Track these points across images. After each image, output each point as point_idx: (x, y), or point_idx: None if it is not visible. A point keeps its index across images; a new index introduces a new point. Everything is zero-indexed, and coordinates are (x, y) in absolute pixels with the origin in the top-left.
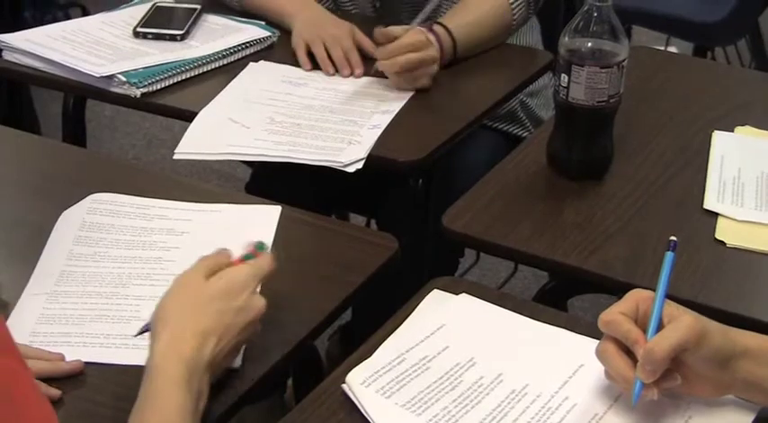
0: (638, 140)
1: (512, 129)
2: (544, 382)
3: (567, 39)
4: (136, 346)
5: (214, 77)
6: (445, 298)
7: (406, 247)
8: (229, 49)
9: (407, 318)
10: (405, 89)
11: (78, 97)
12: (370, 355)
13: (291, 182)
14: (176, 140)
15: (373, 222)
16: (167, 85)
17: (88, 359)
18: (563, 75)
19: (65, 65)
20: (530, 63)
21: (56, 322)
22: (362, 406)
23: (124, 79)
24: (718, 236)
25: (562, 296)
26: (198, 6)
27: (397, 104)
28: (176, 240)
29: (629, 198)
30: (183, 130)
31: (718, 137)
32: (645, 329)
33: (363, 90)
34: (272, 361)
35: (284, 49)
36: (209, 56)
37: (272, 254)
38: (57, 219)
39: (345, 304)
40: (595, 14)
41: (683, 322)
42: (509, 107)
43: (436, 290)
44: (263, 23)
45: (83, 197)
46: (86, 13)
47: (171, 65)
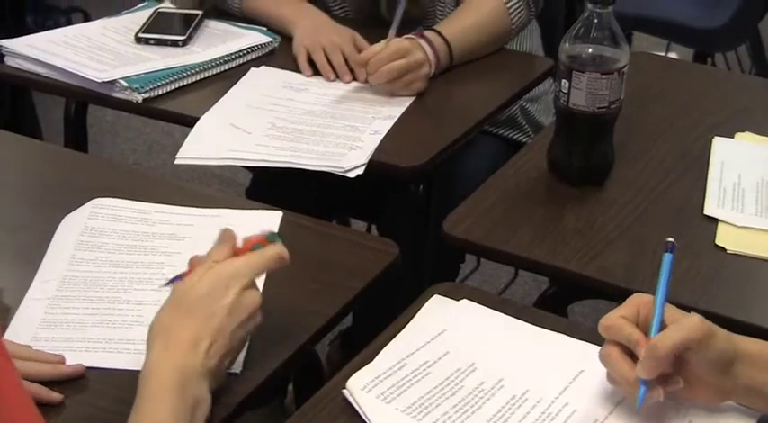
0: (639, 146)
1: (512, 134)
2: (544, 388)
3: (567, 45)
4: (138, 351)
5: (215, 83)
6: (446, 303)
7: (406, 252)
8: (231, 54)
9: (408, 323)
10: (403, 96)
11: (80, 103)
12: (371, 360)
13: (292, 187)
14: (177, 146)
15: (374, 228)
16: (169, 90)
17: (90, 364)
18: (564, 81)
19: (67, 70)
20: (530, 69)
21: (57, 327)
22: (363, 411)
23: (126, 85)
24: (719, 242)
25: (562, 302)
26: (199, 12)
27: (398, 110)
28: (178, 245)
29: (629, 204)
30: (185, 135)
31: (719, 143)
32: (646, 333)
33: (364, 96)
34: (273, 366)
35: (285, 55)
36: (210, 61)
37: (279, 244)
38: (58, 224)
39: (346, 310)
40: (596, 21)
41: (688, 321)
42: (509, 113)
43: (437, 295)
44: (264, 29)
45: (84, 202)
46: (88, 19)
47: (172, 70)
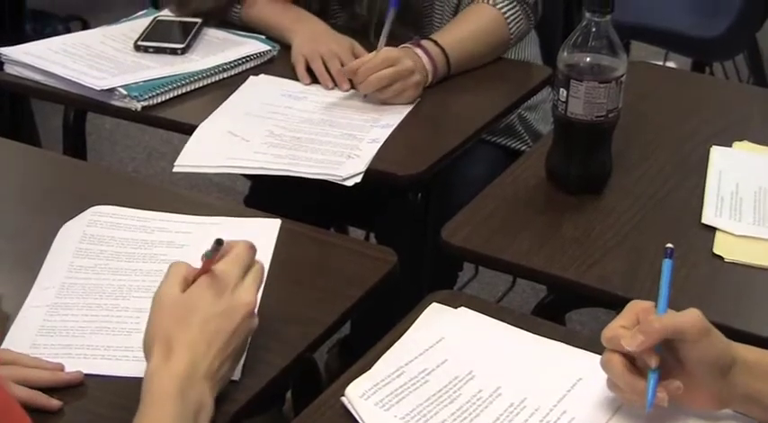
0: (637, 155)
1: (510, 143)
2: (542, 396)
3: (565, 54)
4: (136, 359)
5: (214, 91)
6: (444, 311)
7: (404, 260)
8: (230, 62)
9: (406, 331)
10: (397, 104)
11: (79, 110)
12: (369, 367)
13: (290, 195)
14: (176, 153)
15: (372, 236)
16: (168, 98)
17: (89, 371)
18: (562, 89)
19: (66, 78)
20: (528, 77)
21: (56, 334)
22: (361, 418)
23: (125, 92)
24: (716, 250)
25: (560, 310)
26: (198, 20)
27: (396, 118)
28: (176, 253)
29: (627, 212)
30: (183, 143)
31: (716, 152)
32: None
33: (363, 104)
34: (272, 374)
35: (284, 63)
36: (209, 69)
37: (244, 242)
38: (57, 231)
39: (344, 317)
40: (594, 30)
41: (687, 312)
42: (508, 121)
43: (435, 303)
44: (263, 37)
45: (83, 210)
46: (86, 27)
47: (171, 78)
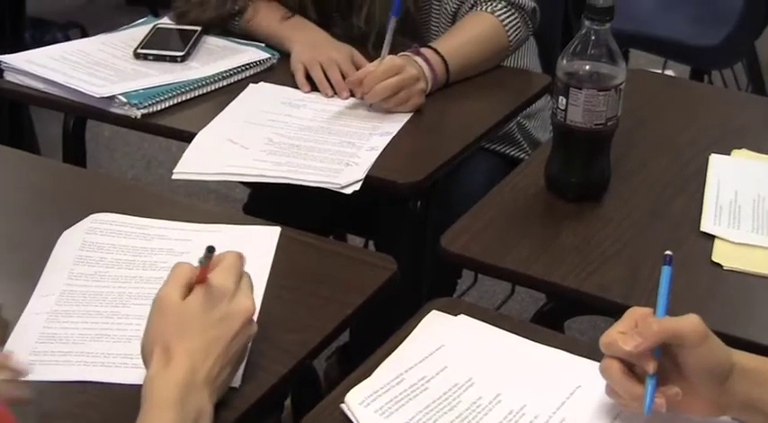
0: (636, 163)
1: (509, 151)
2: (541, 403)
3: (564, 62)
4: (136, 366)
5: (214, 99)
6: (443, 319)
7: (404, 268)
8: (229, 70)
9: (406, 338)
10: (400, 112)
11: (78, 118)
12: (369, 375)
13: (290, 203)
14: (175, 161)
15: (371, 244)
16: (167, 106)
17: (89, 378)
18: (561, 97)
19: (65, 85)
20: (528, 85)
21: (56, 341)
22: None
23: (125, 100)
24: (715, 258)
25: (559, 318)
26: (198, 28)
27: (395, 126)
28: (176, 260)
29: (626, 220)
30: (182, 150)
31: (715, 160)
32: None
33: (362, 112)
34: (271, 381)
35: (284, 71)
36: (209, 77)
37: (233, 252)
38: (57, 239)
39: (344, 325)
40: (593, 38)
41: (686, 316)
42: (507, 129)
43: (435, 311)
44: (262, 45)
45: (83, 217)
46: (85, 34)
47: (171, 86)
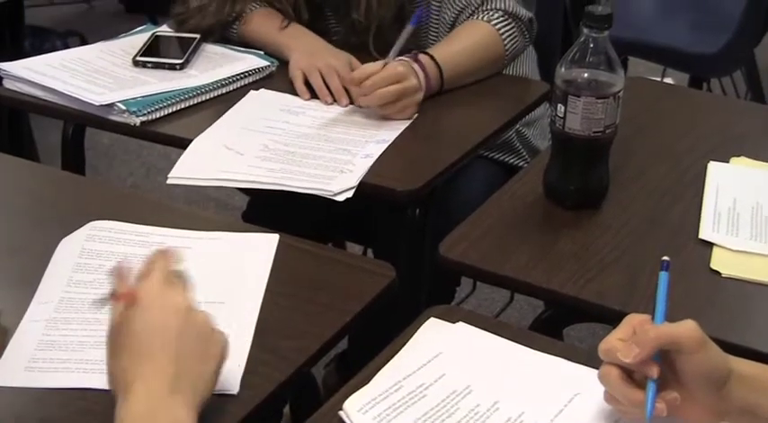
0: (634, 170)
1: (508, 158)
2: (540, 411)
3: (563, 69)
4: None
5: (213, 106)
6: (442, 326)
7: (402, 275)
8: (228, 78)
9: (404, 346)
10: (396, 120)
11: (78, 125)
12: (367, 382)
13: (288, 210)
14: None
15: (370, 251)
16: (166, 113)
17: (88, 385)
18: (559, 105)
19: (64, 93)
20: (526, 93)
21: (55, 348)
22: None
23: (124, 108)
24: (713, 266)
25: (558, 325)
26: (197, 36)
27: (392, 134)
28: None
29: (624, 228)
30: None
31: (714, 167)
32: None
33: (360, 119)
34: (269, 388)
35: (283, 79)
36: (208, 85)
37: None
38: (56, 246)
39: (342, 332)
40: (591, 45)
41: (683, 322)
42: (506, 137)
43: (433, 318)
44: (261, 53)
45: (82, 224)
46: (85, 42)
47: (170, 94)
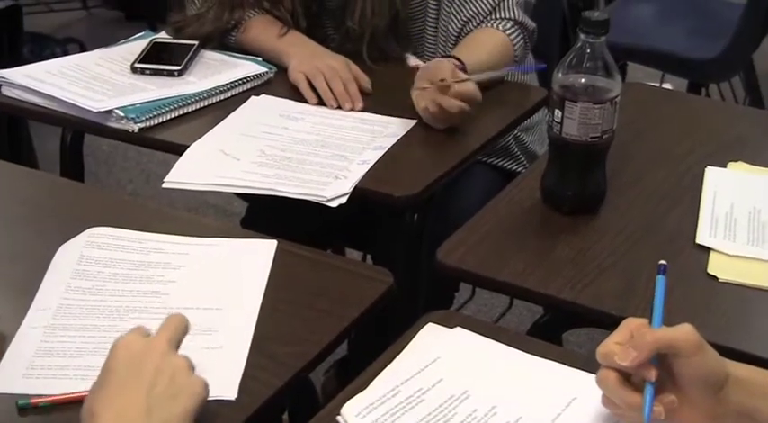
0: (632, 175)
1: (506, 164)
2: (537, 415)
3: (560, 75)
4: None
5: (211, 113)
6: (440, 331)
7: (401, 281)
8: (227, 84)
9: (402, 351)
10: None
11: (76, 132)
12: (365, 387)
13: (287, 216)
14: None
15: (369, 257)
16: (165, 120)
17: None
18: (556, 110)
19: (63, 100)
20: (524, 99)
21: (54, 355)
22: None
23: (122, 114)
24: (711, 270)
25: (556, 330)
26: (195, 42)
27: (390, 140)
28: (173, 274)
29: (622, 233)
30: None
31: (711, 172)
32: None
33: (359, 125)
34: (268, 393)
35: (281, 85)
36: (206, 91)
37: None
38: (55, 252)
39: (341, 338)
40: (589, 51)
41: (680, 326)
42: (503, 142)
43: (431, 323)
44: (259, 59)
45: (81, 231)
46: (84, 49)
47: (169, 100)
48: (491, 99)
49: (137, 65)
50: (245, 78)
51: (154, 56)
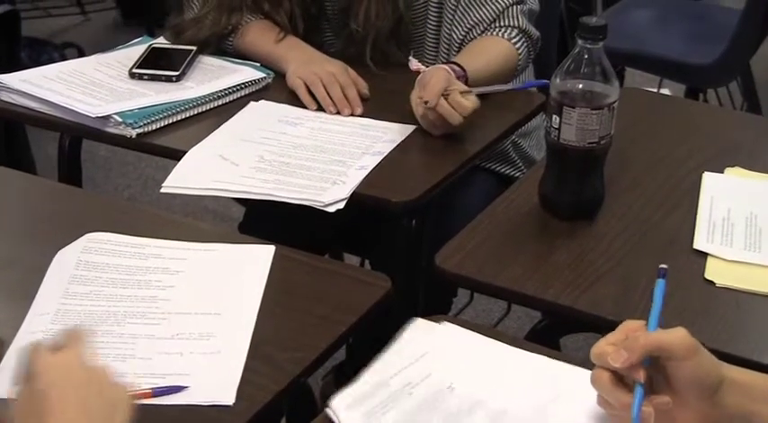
0: (630, 181)
1: (504, 169)
2: (524, 409)
3: (558, 80)
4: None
5: (209, 118)
6: (428, 326)
7: (399, 286)
8: (224, 90)
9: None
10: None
11: (74, 137)
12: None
13: (285, 221)
14: None
15: (367, 262)
16: (163, 125)
17: None
18: (554, 116)
19: (61, 105)
20: (522, 104)
21: None
22: None
23: (120, 120)
24: (708, 276)
25: (554, 335)
26: (193, 48)
27: (388, 146)
28: (171, 279)
29: (619, 238)
30: None
31: (708, 178)
32: None
33: (358, 131)
34: (266, 399)
35: (280, 90)
36: (204, 97)
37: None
38: (53, 258)
39: (339, 343)
40: (586, 57)
41: (674, 330)
42: (501, 148)
43: (419, 318)
44: (257, 64)
45: (78, 236)
46: (82, 54)
47: (166, 105)
48: (489, 104)
49: (135, 70)
50: (243, 84)
51: (152, 61)
